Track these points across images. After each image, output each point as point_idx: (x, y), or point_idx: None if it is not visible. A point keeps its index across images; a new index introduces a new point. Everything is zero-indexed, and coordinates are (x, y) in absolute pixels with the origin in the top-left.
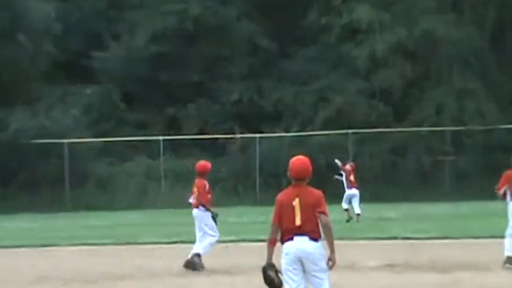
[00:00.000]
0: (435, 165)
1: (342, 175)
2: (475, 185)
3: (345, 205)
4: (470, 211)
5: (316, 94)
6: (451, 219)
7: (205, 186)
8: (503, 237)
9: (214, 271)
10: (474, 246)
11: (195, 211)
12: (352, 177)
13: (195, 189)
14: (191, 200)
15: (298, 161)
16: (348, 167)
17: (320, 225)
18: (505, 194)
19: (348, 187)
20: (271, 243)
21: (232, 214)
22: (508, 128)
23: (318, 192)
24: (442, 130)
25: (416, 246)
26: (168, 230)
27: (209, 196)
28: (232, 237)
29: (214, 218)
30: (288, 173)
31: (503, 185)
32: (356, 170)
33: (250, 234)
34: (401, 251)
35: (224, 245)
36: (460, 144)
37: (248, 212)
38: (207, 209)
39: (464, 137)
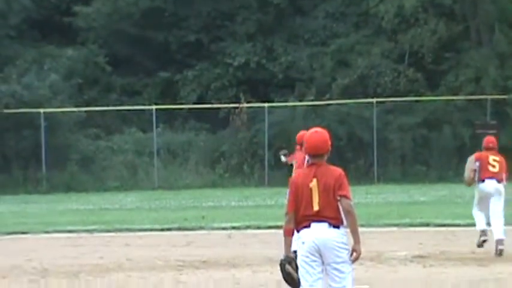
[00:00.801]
0: (474, 140)
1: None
2: None
3: None
4: None
5: (335, 57)
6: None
7: (303, 159)
8: None
9: (215, 263)
10: None
11: None
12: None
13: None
14: None
15: (315, 134)
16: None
17: (342, 211)
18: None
19: None
20: (288, 234)
21: (236, 197)
22: None
23: (339, 172)
24: (482, 99)
25: (452, 235)
26: (162, 215)
27: None
28: (236, 224)
29: None
30: (304, 149)
31: (472, 167)
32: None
33: (257, 220)
34: (435, 240)
35: (227, 232)
36: (503, 115)
37: (255, 194)
38: None
39: (507, 106)
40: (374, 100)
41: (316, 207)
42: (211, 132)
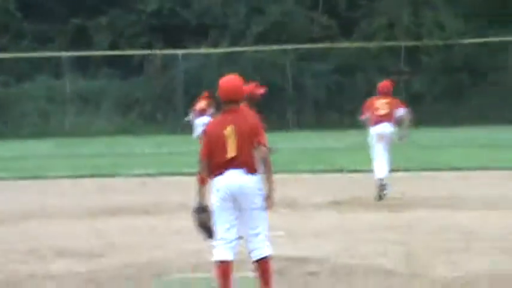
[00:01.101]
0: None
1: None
2: (432, 109)
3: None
4: (427, 140)
5: (249, 4)
6: (403, 149)
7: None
8: (465, 169)
9: (130, 210)
10: (431, 180)
11: None
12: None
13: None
14: None
15: (229, 80)
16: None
17: (257, 158)
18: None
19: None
20: (202, 182)
21: (150, 144)
22: (472, 43)
23: (254, 119)
24: (396, 46)
25: (365, 181)
26: (75, 162)
27: None
28: (151, 171)
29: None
30: (218, 95)
31: (366, 111)
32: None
33: (171, 167)
34: (349, 186)
35: (141, 179)
36: (416, 62)
37: (168, 141)
38: None
39: (420, 53)
40: (288, 47)
41: (231, 154)
42: (124, 79)
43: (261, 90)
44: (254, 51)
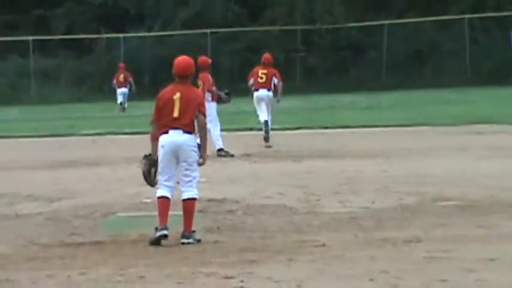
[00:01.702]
0: (288, 62)
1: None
2: (323, 80)
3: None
4: (320, 104)
5: None
6: (302, 112)
7: (209, 78)
8: (351, 127)
9: (82, 163)
10: (324, 136)
11: None
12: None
13: (200, 82)
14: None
15: (183, 59)
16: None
17: (197, 124)
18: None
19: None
20: (153, 139)
21: (98, 109)
22: (355, 26)
23: (199, 92)
24: (293, 29)
25: (271, 137)
26: (39, 125)
27: (214, 88)
28: (99, 131)
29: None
30: (173, 71)
31: (251, 78)
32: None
33: (116, 128)
34: (257, 142)
35: (91, 138)
36: (310, 42)
37: (113, 107)
38: (214, 100)
39: (314, 35)
40: (208, 31)
41: (175, 114)
42: (77, 58)
43: (209, 60)
44: (181, 34)
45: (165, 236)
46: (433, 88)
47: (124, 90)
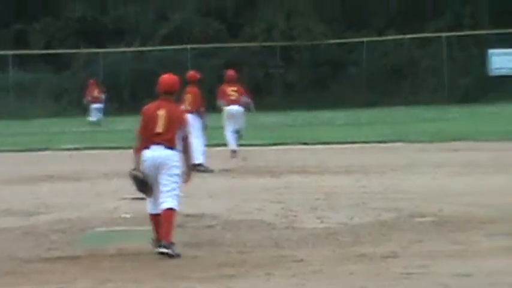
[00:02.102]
0: (267, 78)
1: None
2: (302, 96)
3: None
4: (298, 120)
5: (156, 12)
6: (281, 128)
7: (197, 93)
8: (330, 143)
9: (60, 177)
10: (302, 152)
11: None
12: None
13: (188, 96)
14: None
15: (168, 76)
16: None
17: (183, 145)
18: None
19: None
20: (136, 152)
21: (76, 124)
22: (334, 43)
23: (182, 110)
24: (273, 45)
25: (250, 153)
26: (17, 139)
27: (202, 109)
28: (77, 145)
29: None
30: (158, 87)
31: (221, 97)
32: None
33: (93, 142)
34: (236, 158)
35: (69, 153)
36: (289, 58)
37: (92, 122)
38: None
39: (293, 52)
40: (188, 46)
41: (158, 130)
42: (56, 73)
43: (198, 75)
44: (160, 50)
45: (162, 253)
46: (411, 105)
47: (99, 105)
